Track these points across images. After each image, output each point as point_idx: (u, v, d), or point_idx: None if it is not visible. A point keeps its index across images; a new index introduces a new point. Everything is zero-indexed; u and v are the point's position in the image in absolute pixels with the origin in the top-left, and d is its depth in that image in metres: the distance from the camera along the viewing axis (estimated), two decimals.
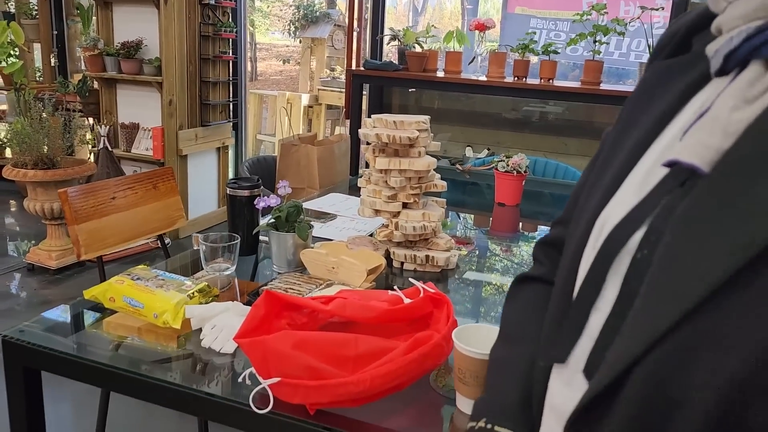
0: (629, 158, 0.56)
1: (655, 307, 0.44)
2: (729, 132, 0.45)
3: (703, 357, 0.41)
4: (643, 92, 0.61)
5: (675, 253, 0.44)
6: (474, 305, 1.40)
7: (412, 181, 1.44)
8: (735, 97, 0.46)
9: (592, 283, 0.52)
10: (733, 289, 0.40)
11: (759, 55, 0.46)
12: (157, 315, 1.09)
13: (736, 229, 0.41)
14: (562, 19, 3.89)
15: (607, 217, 0.54)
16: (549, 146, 3.47)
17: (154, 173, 1.97)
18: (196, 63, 3.82)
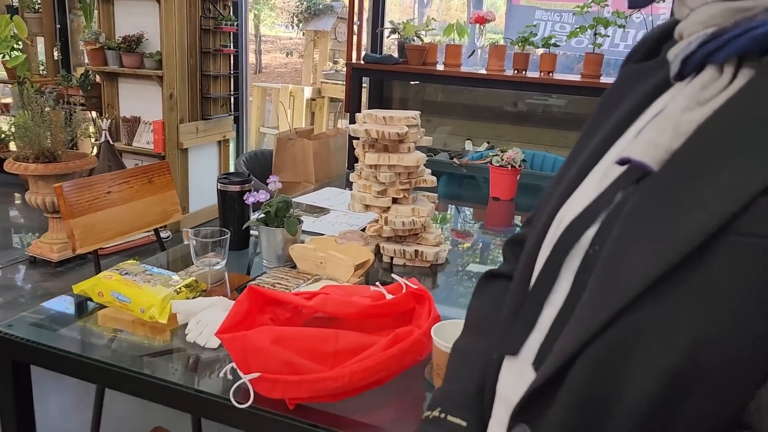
0: (591, 158, 0.57)
1: (597, 300, 0.45)
2: (679, 132, 0.45)
3: (640, 349, 0.42)
4: (611, 95, 0.63)
5: (619, 248, 0.45)
6: (465, 298, 1.40)
7: (401, 176, 1.44)
8: (688, 98, 0.47)
9: (546, 277, 0.53)
10: (670, 284, 0.41)
11: (713, 60, 0.46)
12: (144, 310, 1.10)
13: (676, 225, 0.42)
14: (566, 10, 3.86)
15: (565, 213, 0.55)
16: (550, 140, 3.46)
17: (149, 167, 1.98)
18: (197, 56, 3.83)
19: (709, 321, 0.40)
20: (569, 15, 3.79)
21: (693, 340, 0.40)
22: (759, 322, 0.39)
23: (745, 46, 0.44)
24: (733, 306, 0.39)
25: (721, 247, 0.40)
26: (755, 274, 0.39)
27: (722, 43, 0.45)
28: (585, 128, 0.64)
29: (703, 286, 0.40)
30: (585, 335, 0.44)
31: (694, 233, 0.40)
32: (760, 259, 0.39)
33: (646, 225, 0.44)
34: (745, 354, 0.39)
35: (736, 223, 0.39)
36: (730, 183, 0.41)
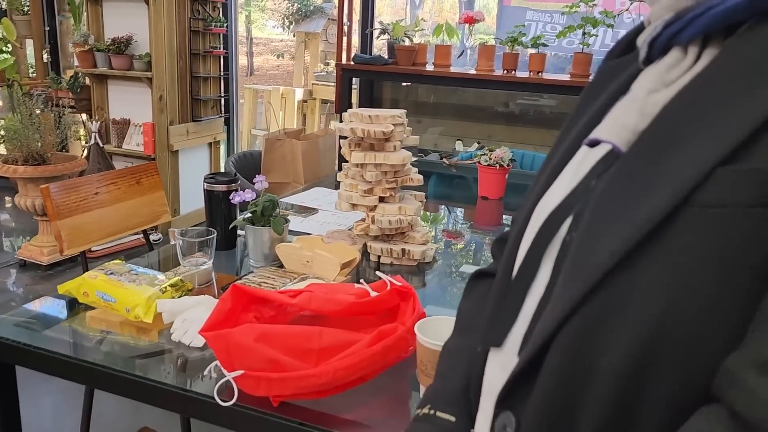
0: (569, 150, 0.58)
1: (570, 281, 0.45)
2: (645, 113, 0.46)
3: (611, 324, 0.43)
4: (589, 91, 0.63)
5: (590, 230, 0.46)
6: (453, 296, 1.40)
7: (387, 175, 1.44)
8: (653, 80, 0.48)
9: (528, 268, 0.54)
10: (637, 259, 0.42)
11: (678, 41, 0.47)
12: (129, 309, 1.10)
13: (641, 203, 0.42)
14: (557, 11, 3.88)
15: (544, 204, 0.55)
16: (540, 139, 3.47)
17: (137, 168, 1.98)
18: (187, 58, 3.82)
19: (674, 291, 0.40)
20: (560, 15, 3.81)
21: (659, 313, 0.41)
22: (719, 291, 0.40)
23: (707, 24, 0.44)
24: (695, 276, 0.40)
25: (682, 220, 0.40)
26: (714, 243, 0.40)
27: (685, 23, 0.46)
28: (564, 124, 0.65)
29: (667, 258, 0.41)
30: (560, 316, 0.45)
31: (657, 208, 0.41)
32: (718, 229, 0.39)
33: (614, 205, 0.45)
34: (709, 323, 0.40)
35: (696, 196, 0.40)
36: (690, 158, 0.41)
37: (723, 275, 0.39)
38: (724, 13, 0.43)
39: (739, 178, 0.39)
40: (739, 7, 0.43)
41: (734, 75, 0.42)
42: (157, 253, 1.56)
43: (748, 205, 0.39)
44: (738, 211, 0.39)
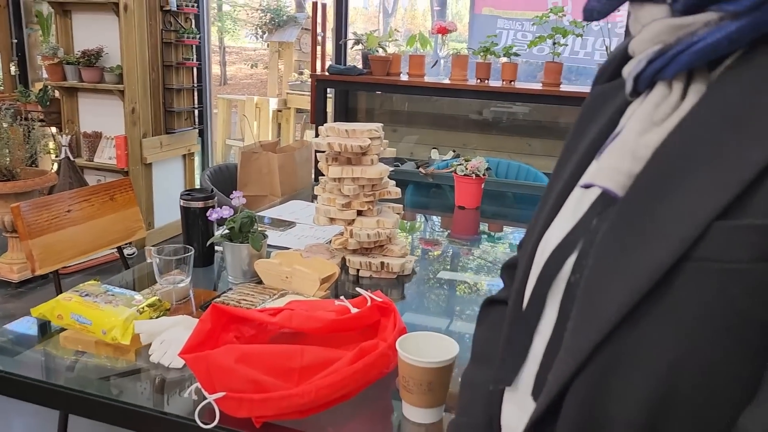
0: (568, 184, 0.58)
1: (579, 331, 0.46)
2: (638, 156, 0.47)
3: (622, 377, 0.43)
4: (581, 119, 0.64)
5: (595, 278, 0.46)
6: (433, 308, 1.41)
7: (365, 188, 1.45)
8: (642, 120, 0.48)
9: (534, 307, 0.54)
10: (642, 313, 0.42)
11: (662, 76, 0.48)
12: (106, 331, 1.08)
13: (643, 254, 0.43)
14: (527, 19, 3.93)
15: (546, 242, 0.56)
16: (514, 147, 3.51)
17: (111, 184, 1.95)
18: (159, 70, 3.79)
19: (679, 347, 0.41)
20: (530, 23, 3.86)
21: (668, 366, 0.41)
22: (726, 346, 0.40)
23: (689, 61, 0.45)
24: (698, 331, 0.40)
25: (682, 274, 0.41)
26: (716, 299, 0.40)
27: (668, 60, 0.46)
28: (561, 154, 0.65)
29: (670, 313, 0.41)
30: (572, 366, 0.45)
31: (658, 263, 0.41)
32: (720, 284, 0.39)
33: (616, 255, 0.45)
34: (718, 378, 0.40)
35: (696, 251, 0.40)
36: (687, 209, 0.41)
37: (728, 330, 0.40)
38: (705, 50, 0.44)
39: (737, 234, 0.39)
40: (720, 44, 0.43)
41: (719, 122, 0.43)
42: (132, 271, 1.54)
43: (748, 260, 0.39)
44: (738, 267, 0.39)
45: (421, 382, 0.89)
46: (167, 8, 3.72)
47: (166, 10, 3.73)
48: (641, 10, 0.50)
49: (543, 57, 3.62)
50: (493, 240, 2.00)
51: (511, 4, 4.03)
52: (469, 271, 1.66)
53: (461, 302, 1.45)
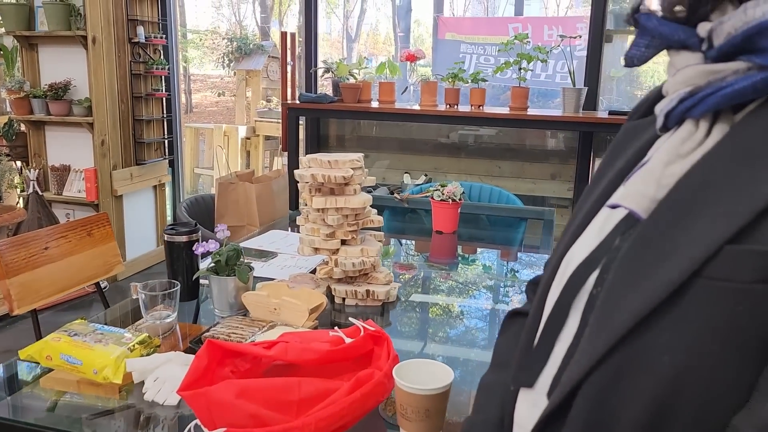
0: (594, 206, 0.63)
1: (594, 336, 0.50)
2: (662, 184, 0.52)
3: (630, 380, 0.47)
4: (612, 150, 0.69)
5: (614, 290, 0.51)
6: (419, 333, 1.44)
7: (349, 218, 1.47)
8: (669, 152, 0.53)
9: (557, 316, 0.58)
10: (653, 322, 0.46)
11: (690, 114, 0.53)
12: (97, 371, 1.08)
13: (658, 270, 0.47)
14: (489, 43, 4.03)
15: (571, 257, 0.60)
16: (484, 169, 3.58)
17: (88, 220, 1.94)
18: (128, 101, 3.77)
19: (686, 356, 0.45)
20: (492, 48, 3.96)
21: (673, 372, 0.45)
22: (728, 357, 0.44)
23: (717, 103, 0.50)
24: (703, 342, 0.44)
25: (693, 290, 0.45)
26: (722, 314, 0.44)
27: (697, 100, 0.52)
28: (592, 179, 0.70)
29: (679, 324, 0.45)
30: (585, 367, 0.49)
31: (672, 277, 0.46)
32: (726, 301, 0.44)
33: (635, 268, 0.50)
34: (718, 385, 0.44)
35: (707, 269, 0.45)
36: (702, 232, 0.46)
37: (731, 343, 0.44)
38: (732, 95, 0.49)
39: (744, 257, 0.43)
40: (746, 90, 0.48)
41: (739, 158, 0.48)
42: (115, 309, 1.53)
43: (753, 281, 0.43)
44: (744, 287, 0.43)
45: (419, 409, 0.91)
46: (135, 40, 3.72)
47: (134, 42, 3.73)
48: (677, 56, 0.55)
49: (506, 80, 3.72)
50: (470, 263, 2.03)
51: (473, 30, 4.14)
52: (452, 295, 1.69)
53: (447, 325, 1.47)
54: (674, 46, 0.55)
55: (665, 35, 0.55)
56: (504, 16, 5.22)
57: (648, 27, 0.56)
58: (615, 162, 0.65)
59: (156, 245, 4.12)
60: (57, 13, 3.44)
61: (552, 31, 3.89)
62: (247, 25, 10.15)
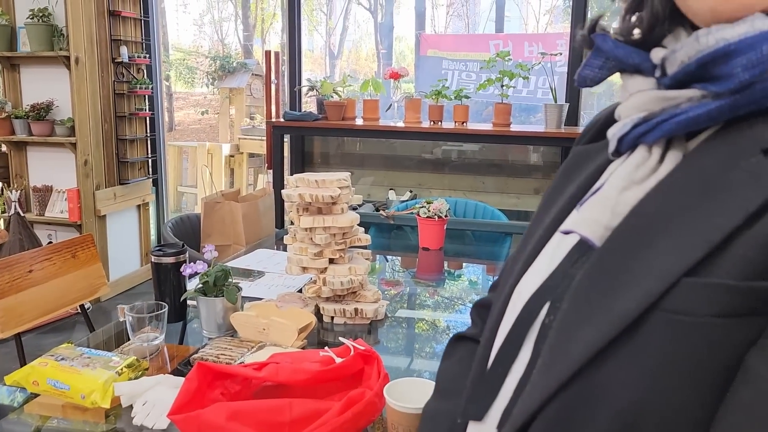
0: (545, 234, 0.62)
1: (549, 368, 0.49)
2: (616, 212, 0.51)
3: (585, 414, 0.46)
4: (563, 174, 0.68)
5: (568, 320, 0.50)
6: (407, 349, 1.44)
7: (336, 237, 1.48)
8: (623, 178, 0.53)
9: (510, 347, 0.57)
10: (610, 355, 0.45)
11: (644, 140, 0.53)
12: (85, 396, 1.07)
13: (615, 301, 0.46)
14: (471, 60, 4.08)
15: (523, 287, 0.59)
16: (468, 185, 3.61)
17: (72, 242, 1.92)
18: (112, 121, 3.76)
19: (644, 389, 0.44)
20: (474, 64, 4.01)
21: (630, 406, 0.44)
22: (684, 391, 0.43)
23: (671, 129, 0.50)
24: (661, 375, 0.44)
25: (651, 322, 0.44)
26: (680, 348, 0.43)
27: (651, 126, 0.51)
28: (540, 204, 0.69)
29: (635, 357, 0.44)
30: (538, 401, 0.48)
31: (628, 310, 0.45)
32: (684, 335, 0.43)
33: (590, 299, 0.49)
34: (677, 420, 0.44)
35: (664, 301, 0.44)
36: (658, 264, 0.45)
37: (689, 377, 0.43)
38: (686, 122, 0.49)
39: (703, 290, 0.43)
40: (700, 118, 0.48)
41: (693, 188, 0.48)
42: (100, 333, 1.52)
43: (712, 315, 0.42)
44: (702, 320, 0.43)
45: (410, 428, 0.91)
46: (119, 60, 3.72)
47: (118, 62, 3.73)
48: (631, 80, 0.55)
49: (489, 96, 3.76)
50: (456, 278, 2.05)
51: (455, 47, 4.19)
52: (438, 310, 1.70)
53: (434, 341, 1.48)
54: (628, 70, 0.55)
55: (620, 58, 0.54)
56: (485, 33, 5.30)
57: (603, 48, 0.55)
58: (566, 187, 0.64)
59: (140, 265, 4.08)
60: (39, 34, 3.43)
61: (533, 48, 3.95)
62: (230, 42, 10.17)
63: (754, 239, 0.42)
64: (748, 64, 0.44)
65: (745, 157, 0.45)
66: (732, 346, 0.42)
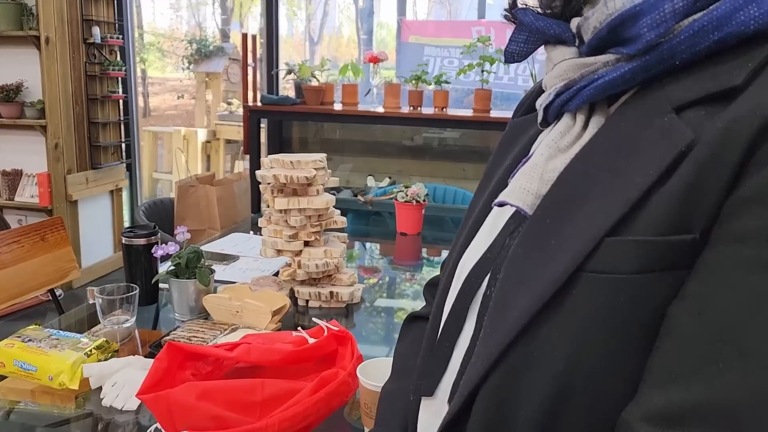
0: (484, 207, 0.63)
1: (489, 337, 0.49)
2: (545, 179, 0.51)
3: (526, 378, 0.47)
4: (500, 148, 0.69)
5: (504, 288, 0.50)
6: (383, 335, 1.43)
7: (312, 219, 1.46)
8: (549, 146, 0.53)
9: (455, 321, 0.57)
10: (544, 319, 0.46)
11: (568, 108, 0.53)
12: (53, 377, 1.04)
13: (546, 267, 0.47)
14: (453, 46, 4.06)
15: (465, 260, 0.60)
16: (448, 172, 3.61)
17: (41, 224, 1.88)
18: (84, 104, 3.68)
19: (575, 349, 0.45)
20: (456, 50, 3.99)
21: (565, 365, 0.45)
22: (614, 349, 0.44)
23: (590, 95, 0.51)
24: (590, 334, 0.44)
25: (578, 284, 0.45)
26: (605, 305, 0.44)
27: (572, 93, 0.52)
28: (481, 179, 0.70)
29: (567, 318, 0.45)
30: (482, 370, 0.48)
31: (557, 274, 0.46)
32: (609, 293, 0.44)
33: (523, 268, 0.49)
34: (606, 378, 0.44)
35: (589, 263, 0.45)
36: (583, 226, 0.46)
37: (615, 334, 0.44)
38: (603, 86, 0.49)
39: (622, 248, 0.44)
40: (616, 81, 0.48)
41: (613, 150, 0.48)
42: (72, 314, 1.48)
43: (632, 271, 0.43)
44: (624, 277, 0.43)
45: None
46: (91, 41, 3.63)
47: (90, 43, 3.64)
48: (554, 51, 0.55)
49: (469, 83, 3.75)
50: (434, 265, 2.04)
51: (436, 33, 4.17)
52: (416, 297, 1.69)
53: None
54: (551, 41, 0.56)
55: (541, 30, 0.55)
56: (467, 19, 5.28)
57: (525, 22, 0.56)
58: (503, 160, 0.65)
59: (113, 252, 4.02)
60: (8, 13, 3.33)
61: None
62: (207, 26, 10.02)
63: (668, 195, 0.43)
64: (653, 23, 0.45)
65: (658, 116, 0.46)
66: (654, 300, 0.43)
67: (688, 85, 0.46)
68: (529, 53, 0.59)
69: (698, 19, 0.44)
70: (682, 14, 0.44)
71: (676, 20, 0.45)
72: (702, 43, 0.45)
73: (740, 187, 0.41)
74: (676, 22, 0.45)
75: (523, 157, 0.60)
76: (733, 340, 0.39)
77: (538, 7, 0.56)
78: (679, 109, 0.45)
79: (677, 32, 0.45)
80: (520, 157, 0.61)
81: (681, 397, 0.41)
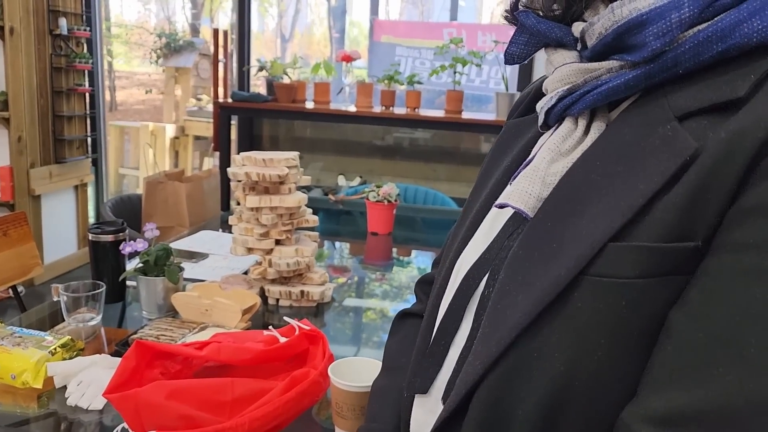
0: (482, 207, 0.63)
1: (488, 337, 0.50)
2: (546, 183, 0.52)
3: (525, 379, 0.47)
4: (497, 148, 0.70)
5: (505, 289, 0.50)
6: (353, 334, 1.43)
7: (283, 217, 1.45)
8: (551, 150, 0.54)
9: (451, 320, 0.58)
10: (545, 321, 0.47)
11: (570, 112, 0.54)
12: (15, 376, 1.02)
13: (547, 269, 0.48)
14: (425, 47, 4.08)
15: (462, 261, 0.60)
16: (419, 173, 3.62)
17: (4, 219, 1.83)
18: (48, 96, 3.59)
19: (575, 351, 0.45)
20: (428, 51, 4.01)
21: (564, 367, 0.46)
22: (613, 351, 0.45)
23: (593, 101, 0.51)
24: (591, 337, 0.45)
25: (580, 288, 0.46)
26: (607, 309, 0.45)
27: (575, 98, 0.53)
28: (478, 179, 0.70)
29: (568, 321, 0.46)
30: (480, 370, 0.49)
31: (559, 277, 0.46)
32: (610, 297, 0.45)
33: (524, 270, 0.50)
34: (605, 380, 0.45)
35: (592, 267, 0.46)
36: (586, 231, 0.47)
37: (615, 338, 0.45)
38: (607, 93, 0.50)
39: (626, 253, 0.45)
40: (619, 88, 0.49)
41: (615, 156, 0.49)
42: (33, 312, 1.45)
43: (634, 276, 0.44)
44: (626, 282, 0.44)
45: (355, 406, 0.90)
46: (57, 32, 3.54)
47: (56, 34, 3.55)
48: (555, 54, 0.56)
49: (442, 84, 3.77)
50: (405, 265, 2.05)
51: (409, 33, 4.18)
52: (386, 297, 1.70)
53: (381, 330, 1.48)
54: (552, 44, 0.57)
55: (542, 33, 0.56)
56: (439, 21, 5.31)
57: (526, 24, 0.57)
58: (501, 161, 0.66)
59: (77, 248, 3.93)
60: None
61: (486, 37, 3.97)
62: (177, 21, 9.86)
63: (671, 203, 0.44)
64: (659, 32, 0.45)
65: (661, 124, 0.47)
66: (655, 305, 0.44)
67: (691, 95, 0.47)
68: (529, 55, 0.60)
69: (703, 29, 0.45)
70: (688, 24, 0.45)
71: (682, 30, 0.45)
72: (705, 54, 0.45)
73: (742, 198, 0.42)
74: (682, 32, 0.46)
75: (522, 159, 0.61)
76: (733, 345, 0.40)
77: (539, 10, 0.57)
78: (681, 118, 0.46)
79: (682, 41, 0.46)
80: (519, 159, 0.61)
81: (681, 400, 0.41)
